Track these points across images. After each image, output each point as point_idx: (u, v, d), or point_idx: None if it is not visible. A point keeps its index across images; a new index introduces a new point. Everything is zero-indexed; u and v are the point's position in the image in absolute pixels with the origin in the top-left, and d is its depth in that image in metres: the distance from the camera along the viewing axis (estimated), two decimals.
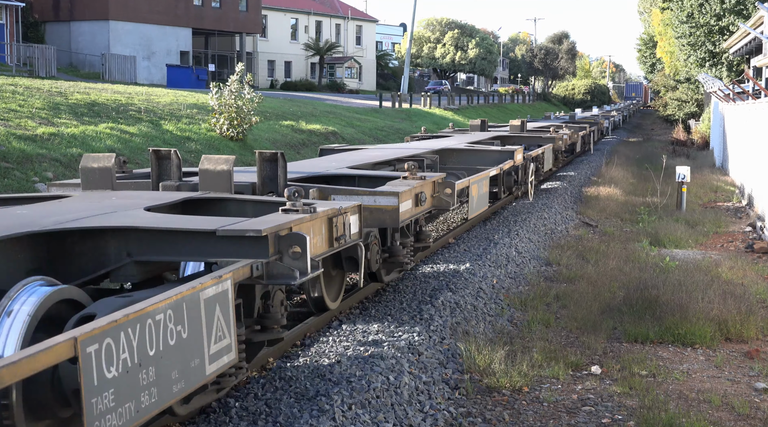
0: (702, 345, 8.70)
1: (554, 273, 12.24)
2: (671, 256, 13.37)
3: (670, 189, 20.32)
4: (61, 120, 18.91)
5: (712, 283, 11.03)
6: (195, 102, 27.03)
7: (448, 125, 27.04)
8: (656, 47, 68.40)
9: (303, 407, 6.05)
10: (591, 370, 7.88)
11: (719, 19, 35.37)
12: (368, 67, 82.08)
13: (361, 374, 6.69)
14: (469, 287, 10.21)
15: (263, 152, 7.78)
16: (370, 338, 7.77)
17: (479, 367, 7.61)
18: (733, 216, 18.32)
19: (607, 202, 20.07)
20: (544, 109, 67.13)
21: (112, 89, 28.68)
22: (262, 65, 69.72)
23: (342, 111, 36.55)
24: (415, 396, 6.84)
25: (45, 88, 24.08)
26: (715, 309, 9.54)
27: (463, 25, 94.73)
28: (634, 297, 10.20)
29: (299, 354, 7.30)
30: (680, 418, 6.48)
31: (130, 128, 19.81)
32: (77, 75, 45.47)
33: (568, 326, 9.29)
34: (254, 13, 62.86)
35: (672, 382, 7.55)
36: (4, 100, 19.99)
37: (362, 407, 6.22)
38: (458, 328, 8.72)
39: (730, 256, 13.54)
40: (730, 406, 6.93)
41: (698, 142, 43.38)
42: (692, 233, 15.76)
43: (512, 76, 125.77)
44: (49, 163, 15.01)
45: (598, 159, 32.22)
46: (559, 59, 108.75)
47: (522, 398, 7.16)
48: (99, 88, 29.04)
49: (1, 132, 15.84)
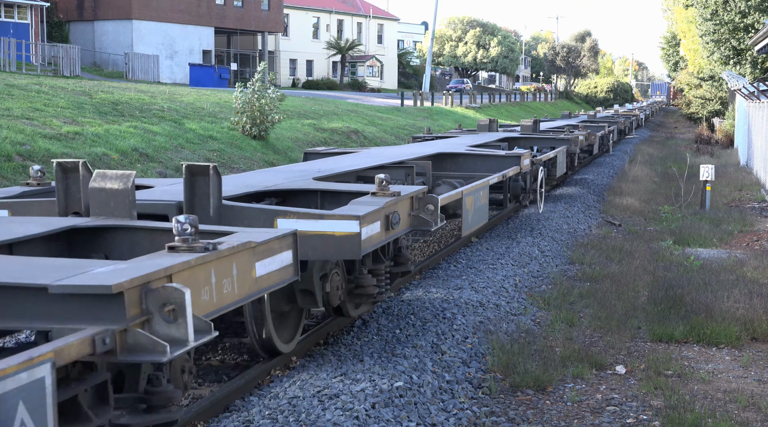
0: (728, 345, 8.63)
1: (577, 272, 12.19)
2: (696, 255, 13.28)
3: (694, 188, 20.19)
4: (86, 119, 19.03)
5: (737, 282, 10.95)
6: (217, 101, 27.14)
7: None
8: (679, 45, 68.02)
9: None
10: (615, 369, 7.84)
11: (744, 16, 35.10)
12: (390, 66, 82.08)
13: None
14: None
15: (191, 165, 6.35)
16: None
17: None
18: (758, 215, 18.17)
19: (631, 201, 19.97)
20: (566, 108, 66.89)
21: (135, 88, 28.86)
22: (284, 64, 69.88)
23: (364, 109, 36.55)
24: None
25: (69, 88, 24.26)
26: (741, 309, 9.47)
27: (485, 24, 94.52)
28: (659, 296, 10.15)
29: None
30: (706, 418, 6.43)
31: (153, 127, 19.91)
32: (101, 74, 45.80)
33: (592, 326, 9.25)
34: (276, 12, 63.01)
35: (697, 382, 7.49)
36: (29, 99, 20.16)
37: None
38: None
39: (755, 255, 13.43)
40: (757, 406, 6.87)
41: (722, 140, 43.07)
42: (717, 231, 15.64)
43: (534, 74, 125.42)
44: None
45: (619, 160, 31.48)
46: (581, 57, 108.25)
47: (546, 397, 7.13)
48: (122, 87, 29.23)
49: (27, 131, 15.96)
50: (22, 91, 21.39)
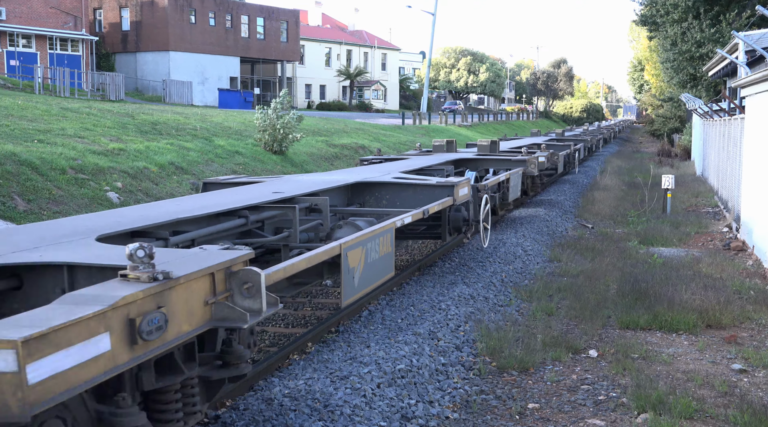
0: (686, 331, 8.63)
1: (556, 269, 12.18)
2: (658, 253, 13.26)
3: (657, 195, 20.17)
4: (129, 137, 19.07)
5: (694, 277, 10.95)
6: (242, 121, 27.16)
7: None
8: (644, 71, 67.95)
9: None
10: (589, 353, 7.84)
11: (699, 46, 35.15)
12: (392, 90, 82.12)
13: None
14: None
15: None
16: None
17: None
18: (712, 218, 18.13)
19: (601, 207, 19.94)
20: (546, 126, 66.80)
21: (171, 110, 28.89)
22: (300, 88, 70.06)
23: (369, 128, 36.56)
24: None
25: (115, 110, 24.31)
26: (697, 300, 9.47)
27: (474, 53, 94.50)
28: (626, 289, 10.15)
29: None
30: (667, 395, 6.43)
31: (187, 144, 19.94)
32: (142, 98, 45.81)
33: (568, 315, 9.24)
34: (293, 44, 63.05)
35: (660, 364, 7.49)
36: (81, 120, 20.21)
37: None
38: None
39: (709, 253, 13.41)
40: (711, 385, 6.86)
41: (681, 153, 42.93)
42: (676, 233, 15.62)
43: (518, 96, 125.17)
44: (119, 174, 15.14)
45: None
46: (558, 81, 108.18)
47: (528, 378, 7.13)
48: (160, 109, 29.27)
49: (79, 148, 16.00)
50: (74, 114, 21.45)
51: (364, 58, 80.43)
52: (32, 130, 17.29)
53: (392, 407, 5.98)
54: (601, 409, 6.34)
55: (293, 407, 5.75)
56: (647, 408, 6.22)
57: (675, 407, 6.18)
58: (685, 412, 6.13)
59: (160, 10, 51.54)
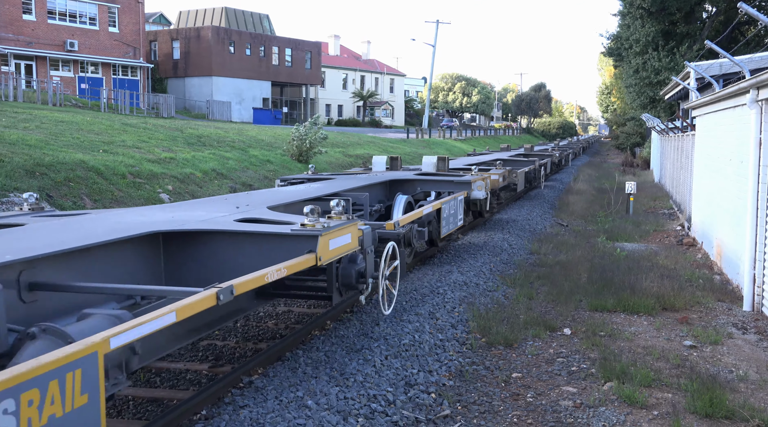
0: (645, 313, 8.59)
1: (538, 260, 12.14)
2: (622, 248, 13.20)
3: (621, 198, 20.08)
4: (178, 148, 19.11)
5: (652, 268, 10.90)
6: (273, 135, 27.17)
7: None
8: (611, 94, 67.64)
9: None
10: (563, 331, 7.81)
11: (657, 73, 35.07)
12: (399, 109, 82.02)
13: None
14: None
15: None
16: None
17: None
18: (667, 219, 18.05)
19: (575, 208, 19.86)
20: (528, 140, 66.48)
21: (214, 126, 28.93)
22: (322, 108, 70.12)
23: (380, 141, 36.53)
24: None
25: (166, 126, 24.35)
26: (655, 287, 9.43)
27: (468, 78, 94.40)
28: (595, 278, 10.11)
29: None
30: (629, 367, 6.40)
31: (226, 154, 19.97)
32: (189, 116, 45.89)
33: (546, 299, 9.21)
34: (316, 70, 63.07)
35: (623, 340, 7.46)
36: (138, 134, 20.26)
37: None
38: None
39: (665, 248, 13.35)
40: (666, 358, 6.83)
41: (642, 164, 42.74)
42: (638, 231, 15.55)
43: (504, 115, 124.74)
44: (169, 179, 15.18)
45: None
46: (538, 103, 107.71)
47: (512, 352, 7.11)
48: (204, 125, 29.31)
49: (136, 157, 16.04)
50: (133, 128, 21.50)
51: (375, 83, 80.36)
52: (98, 142, 17.34)
53: (398, 375, 5.97)
54: (573, 378, 6.32)
55: (314, 374, 5.76)
56: (612, 377, 6.20)
57: (636, 376, 6.15)
58: (644, 381, 6.10)
59: (205, 41, 51.72)
